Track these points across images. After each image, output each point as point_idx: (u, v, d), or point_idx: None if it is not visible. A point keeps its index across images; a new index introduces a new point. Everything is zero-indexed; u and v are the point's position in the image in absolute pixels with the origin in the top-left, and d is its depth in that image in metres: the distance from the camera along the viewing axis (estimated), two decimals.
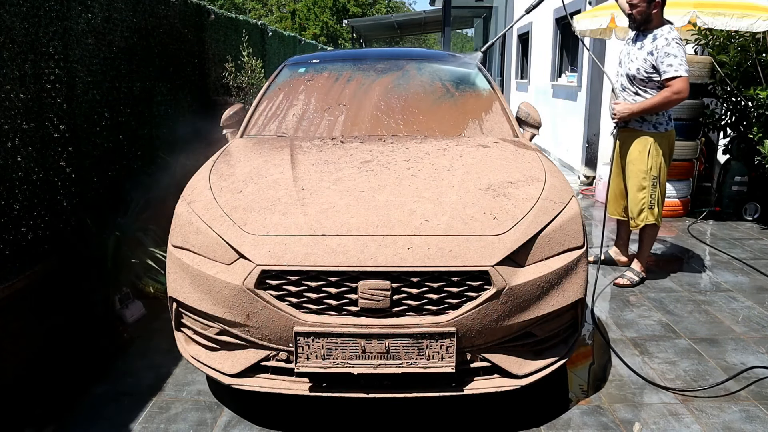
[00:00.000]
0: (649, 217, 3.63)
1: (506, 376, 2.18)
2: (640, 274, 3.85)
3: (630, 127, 3.63)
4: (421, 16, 18.79)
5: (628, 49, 3.64)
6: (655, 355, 2.90)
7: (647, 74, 3.47)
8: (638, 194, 3.63)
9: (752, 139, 5.16)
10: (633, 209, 3.68)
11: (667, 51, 3.36)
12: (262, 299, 2.06)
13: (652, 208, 3.62)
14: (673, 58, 3.35)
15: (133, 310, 3.28)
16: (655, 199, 3.61)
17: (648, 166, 3.57)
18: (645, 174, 3.58)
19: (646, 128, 3.58)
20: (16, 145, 2.84)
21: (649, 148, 3.56)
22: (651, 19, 3.48)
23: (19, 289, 2.73)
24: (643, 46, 3.50)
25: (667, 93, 3.39)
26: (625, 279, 3.84)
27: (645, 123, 3.58)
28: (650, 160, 3.57)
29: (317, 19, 29.00)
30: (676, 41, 3.38)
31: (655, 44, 3.43)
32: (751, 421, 2.36)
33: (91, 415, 2.39)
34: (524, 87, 12.79)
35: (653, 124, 3.57)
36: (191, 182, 2.63)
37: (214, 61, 5.85)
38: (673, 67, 3.35)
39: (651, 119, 3.57)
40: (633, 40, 3.63)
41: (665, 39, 3.39)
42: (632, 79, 3.56)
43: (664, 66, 3.38)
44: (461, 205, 2.28)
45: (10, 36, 2.80)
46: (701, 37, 5.33)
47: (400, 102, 3.40)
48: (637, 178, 3.62)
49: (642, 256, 3.86)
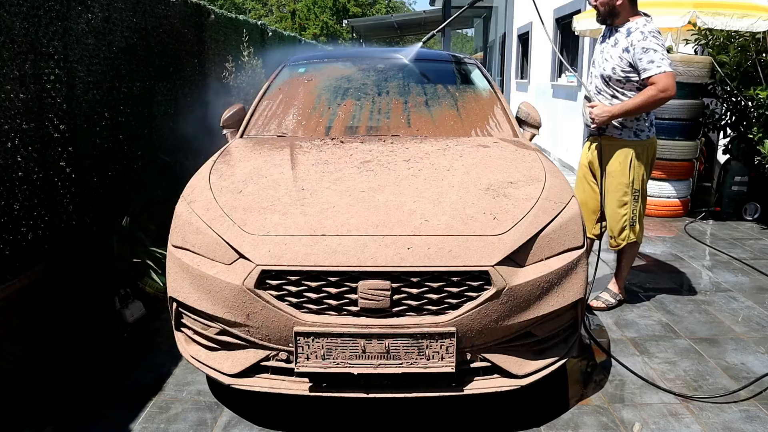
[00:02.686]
0: (630, 235, 3.27)
1: (506, 376, 2.18)
2: (617, 295, 3.50)
3: (608, 134, 3.22)
4: (421, 16, 18.79)
5: (601, 48, 3.24)
6: (655, 355, 2.90)
7: (624, 74, 3.07)
8: (619, 210, 3.24)
9: (752, 139, 5.16)
10: (613, 228, 3.28)
11: (645, 46, 2.96)
12: (262, 299, 2.06)
13: (633, 225, 3.26)
14: (652, 53, 2.95)
15: (133, 310, 3.28)
16: (637, 214, 3.25)
17: (630, 179, 3.18)
18: (627, 188, 3.19)
19: (626, 136, 3.18)
20: (16, 145, 2.84)
21: (631, 159, 3.16)
22: (617, 12, 3.10)
23: (19, 289, 2.73)
24: (617, 43, 3.09)
25: (652, 91, 2.96)
26: (599, 301, 3.47)
27: (625, 130, 3.17)
28: (632, 172, 3.17)
29: (317, 19, 28.99)
30: (653, 34, 2.99)
31: (630, 39, 3.03)
32: (751, 421, 2.36)
33: (91, 415, 2.39)
34: (524, 87, 12.79)
35: (634, 131, 3.17)
36: (191, 182, 2.63)
37: (214, 61, 5.85)
38: (655, 63, 2.95)
39: (632, 125, 3.16)
40: (604, 37, 3.24)
41: (641, 33, 2.99)
42: (608, 80, 3.14)
43: (643, 63, 2.97)
44: (461, 205, 2.28)
45: (10, 36, 2.80)
46: (701, 37, 5.34)
47: (399, 102, 3.40)
48: (617, 193, 3.22)
49: (620, 276, 3.49)
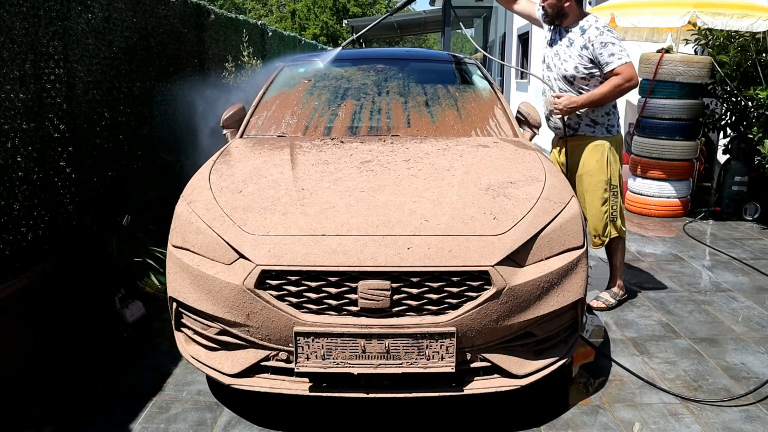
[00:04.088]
0: (612, 230, 3.30)
1: (506, 376, 2.18)
2: (617, 294, 3.48)
3: (581, 133, 3.29)
4: (421, 16, 18.77)
5: (554, 50, 3.28)
6: (655, 355, 2.90)
7: (587, 71, 3.13)
8: (601, 208, 3.26)
9: (752, 139, 5.16)
10: (597, 226, 3.29)
11: (603, 41, 3.05)
12: (262, 299, 2.06)
13: (614, 221, 3.29)
14: (611, 47, 3.04)
15: (133, 310, 3.28)
16: (617, 209, 3.29)
17: (608, 175, 3.23)
18: (606, 185, 3.23)
19: (599, 133, 3.24)
20: (16, 145, 2.84)
21: (607, 155, 3.23)
22: (565, 13, 3.18)
23: (19, 289, 2.73)
24: (573, 42, 3.16)
25: (617, 80, 3.04)
26: (599, 302, 3.45)
27: (598, 126, 3.24)
28: (609, 169, 3.23)
29: (317, 19, 28.96)
30: (607, 29, 3.09)
31: (586, 37, 3.10)
32: (751, 421, 2.36)
33: (91, 415, 2.39)
34: (524, 87, 12.79)
35: (606, 127, 3.24)
36: (191, 182, 2.63)
37: (214, 61, 5.85)
38: (616, 56, 3.04)
39: (603, 121, 3.23)
40: (554, 40, 3.29)
41: (596, 29, 3.08)
42: (571, 80, 3.20)
43: (605, 57, 3.05)
44: (461, 205, 2.28)
45: (10, 36, 2.80)
46: (701, 37, 5.34)
47: (399, 102, 3.40)
48: (598, 191, 3.25)
49: (616, 275, 3.48)
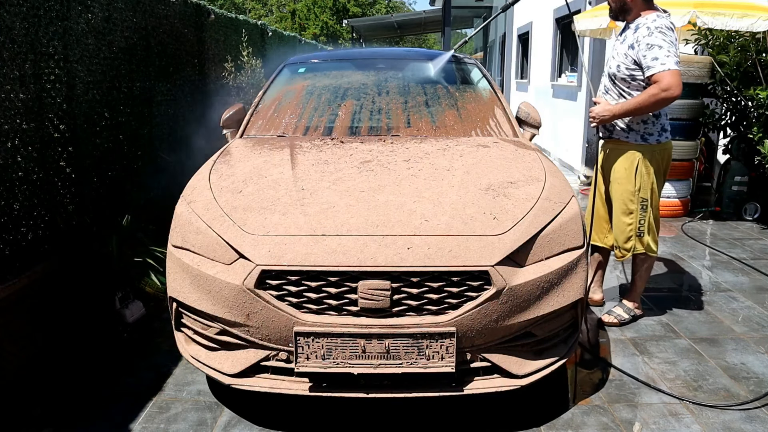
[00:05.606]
0: (637, 246, 3.07)
1: (506, 376, 2.18)
2: (631, 311, 3.28)
3: (614, 138, 3.08)
4: (421, 16, 18.80)
5: (614, 45, 3.10)
6: (655, 355, 2.90)
7: (629, 72, 2.90)
8: (625, 219, 3.07)
9: (752, 139, 5.16)
10: (618, 237, 3.12)
11: (649, 42, 2.78)
12: (262, 299, 2.06)
13: (641, 236, 3.06)
14: (657, 50, 2.76)
15: (133, 310, 3.28)
16: (645, 225, 3.05)
17: (636, 186, 3.00)
18: (632, 196, 3.02)
19: (633, 140, 3.01)
20: (16, 145, 2.84)
21: (637, 164, 2.99)
22: (628, 8, 2.96)
23: (19, 289, 2.74)
24: (625, 40, 2.96)
25: (654, 90, 2.77)
26: (611, 316, 3.26)
27: (632, 133, 3.00)
28: (638, 180, 2.99)
29: (317, 19, 28.95)
30: (660, 30, 2.79)
31: (636, 36, 2.86)
32: (752, 421, 2.36)
33: (90, 414, 2.39)
34: (524, 87, 12.79)
35: (641, 135, 2.99)
36: (191, 182, 2.63)
37: (214, 61, 5.85)
38: (659, 60, 2.75)
39: (638, 129, 2.99)
40: (620, 34, 3.08)
41: (647, 28, 2.82)
42: (614, 78, 3.00)
43: (647, 60, 2.79)
44: (461, 205, 2.28)
45: (10, 36, 2.80)
46: (701, 37, 5.34)
47: (399, 102, 3.40)
48: (623, 200, 3.05)
49: (635, 291, 3.29)
